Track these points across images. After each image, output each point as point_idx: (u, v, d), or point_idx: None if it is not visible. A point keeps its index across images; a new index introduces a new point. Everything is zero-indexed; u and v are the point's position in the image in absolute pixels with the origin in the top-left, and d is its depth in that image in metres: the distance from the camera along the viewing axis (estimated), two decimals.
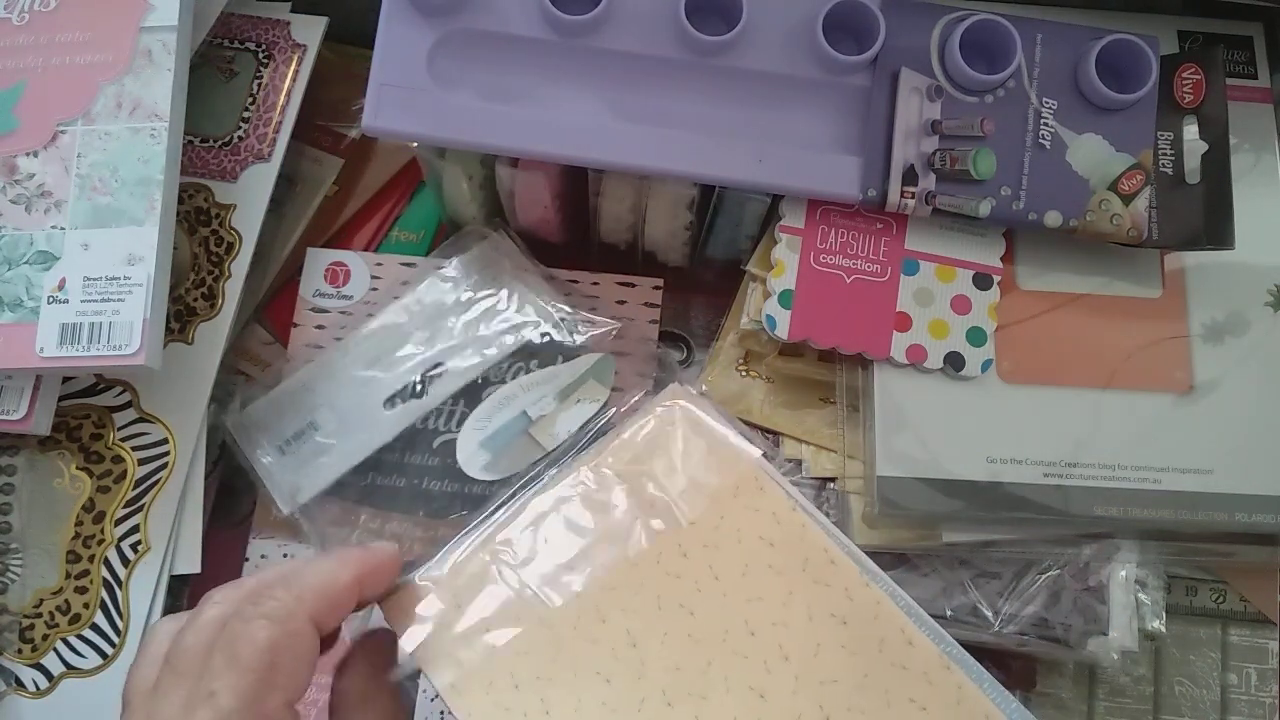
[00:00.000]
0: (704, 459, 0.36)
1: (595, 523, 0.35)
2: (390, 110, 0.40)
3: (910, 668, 0.32)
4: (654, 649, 0.33)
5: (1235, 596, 0.48)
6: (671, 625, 0.33)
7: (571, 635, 0.33)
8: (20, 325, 0.41)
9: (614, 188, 0.44)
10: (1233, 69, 0.46)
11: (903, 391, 0.42)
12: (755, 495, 0.35)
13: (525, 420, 0.45)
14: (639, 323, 0.49)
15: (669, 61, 0.41)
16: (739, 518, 0.35)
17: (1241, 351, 0.43)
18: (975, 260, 0.43)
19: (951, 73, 0.41)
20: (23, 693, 0.43)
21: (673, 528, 0.35)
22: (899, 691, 0.31)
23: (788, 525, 0.34)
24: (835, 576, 0.33)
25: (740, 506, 0.35)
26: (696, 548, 0.34)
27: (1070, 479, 0.41)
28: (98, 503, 0.44)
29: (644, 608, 0.33)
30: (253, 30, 0.51)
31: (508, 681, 0.33)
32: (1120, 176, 0.41)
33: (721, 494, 0.35)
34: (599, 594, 0.34)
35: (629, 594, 0.34)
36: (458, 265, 0.49)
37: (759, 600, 0.33)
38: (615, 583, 0.34)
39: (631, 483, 0.36)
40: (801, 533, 0.34)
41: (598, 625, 0.33)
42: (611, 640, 0.33)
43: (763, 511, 0.34)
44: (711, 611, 0.33)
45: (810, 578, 0.33)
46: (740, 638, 0.33)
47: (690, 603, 0.33)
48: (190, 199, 0.48)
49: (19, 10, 0.45)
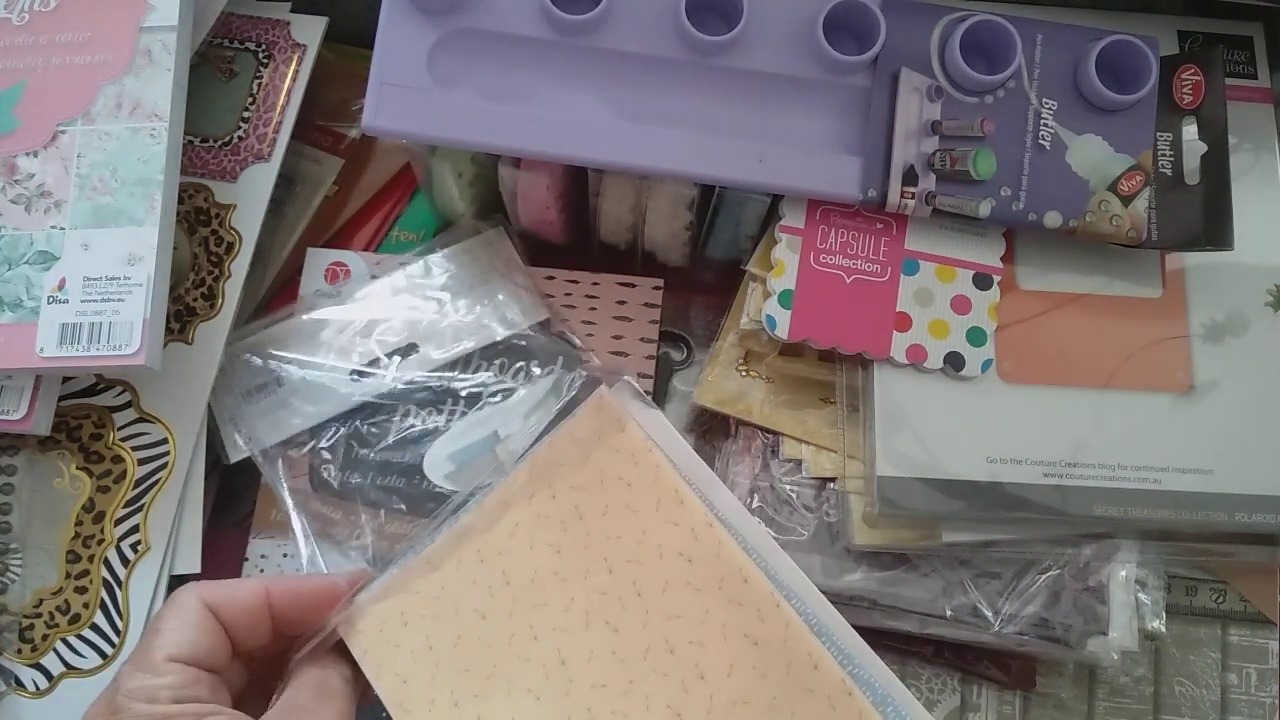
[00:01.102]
0: (625, 469, 0.36)
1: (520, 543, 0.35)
2: (390, 110, 0.40)
3: (815, 691, 0.32)
4: (580, 667, 0.33)
5: (1235, 596, 0.48)
6: (597, 643, 0.34)
7: (506, 653, 0.34)
8: (20, 325, 0.41)
9: (614, 188, 0.44)
10: (1233, 69, 0.46)
11: (903, 391, 0.42)
12: (675, 509, 0.35)
13: (494, 439, 0.46)
14: (639, 323, 0.49)
15: (669, 61, 0.41)
16: (660, 534, 0.35)
17: (1241, 351, 0.43)
18: (975, 260, 0.43)
19: (951, 73, 0.41)
20: (22, 693, 0.43)
21: (599, 543, 0.35)
22: (804, 715, 0.32)
23: (705, 542, 0.34)
24: (748, 596, 0.33)
25: (661, 521, 0.35)
26: (621, 563, 0.35)
27: (1070, 479, 0.41)
28: (98, 503, 0.44)
29: (573, 626, 0.34)
30: (253, 30, 0.51)
31: (448, 699, 0.34)
32: (1120, 177, 0.41)
33: (643, 508, 0.35)
34: (530, 612, 0.35)
35: (559, 611, 0.34)
36: (447, 256, 0.49)
37: (678, 618, 0.34)
38: (546, 599, 0.35)
39: (554, 497, 0.36)
40: (718, 549, 0.34)
41: (530, 644, 0.34)
42: (543, 658, 0.34)
43: (682, 526, 0.34)
44: (634, 629, 0.34)
45: (725, 596, 0.33)
46: (661, 656, 0.33)
47: (615, 620, 0.34)
48: (190, 199, 0.48)
49: (19, 10, 0.45)
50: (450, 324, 0.48)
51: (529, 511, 0.36)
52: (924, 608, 0.43)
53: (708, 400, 0.46)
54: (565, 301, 0.49)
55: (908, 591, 0.43)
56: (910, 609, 0.44)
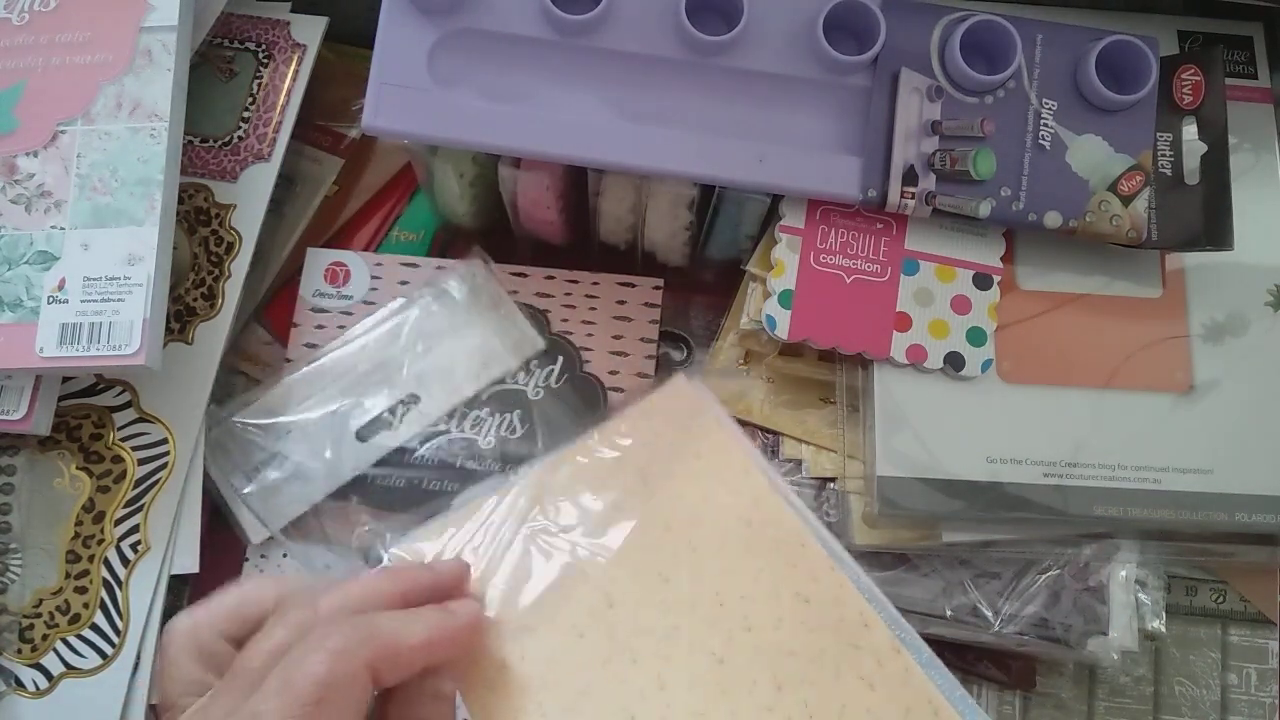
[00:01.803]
0: (697, 443, 0.38)
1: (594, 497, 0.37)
2: (390, 110, 0.40)
3: (863, 648, 0.34)
4: (627, 612, 0.35)
5: (1235, 596, 0.48)
6: (645, 593, 0.35)
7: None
8: (20, 325, 0.41)
9: (614, 188, 0.44)
10: (1233, 69, 0.46)
11: (903, 391, 0.42)
12: (741, 479, 0.37)
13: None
14: (639, 323, 0.49)
15: (669, 61, 0.41)
16: (723, 498, 0.37)
17: (1241, 351, 0.43)
18: (975, 260, 0.43)
19: (951, 73, 0.41)
20: (22, 693, 0.43)
21: (660, 501, 0.37)
22: (850, 669, 0.34)
23: (766, 509, 0.37)
24: (804, 560, 0.36)
25: (724, 489, 0.37)
26: (679, 522, 0.36)
27: (1070, 479, 0.41)
28: (97, 503, 0.44)
29: (622, 576, 0.36)
30: (253, 30, 0.51)
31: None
32: (1120, 177, 0.41)
33: (707, 475, 0.37)
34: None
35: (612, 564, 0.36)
36: (430, 297, 0.49)
37: (731, 574, 0.35)
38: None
39: (625, 456, 0.38)
40: (779, 517, 0.36)
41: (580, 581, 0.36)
42: (590, 600, 0.35)
43: (744, 494, 0.37)
44: (684, 581, 0.35)
45: (782, 559, 0.36)
46: (710, 607, 0.35)
47: (666, 571, 0.36)
48: (190, 199, 0.48)
49: (19, 10, 0.45)
50: (447, 368, 0.47)
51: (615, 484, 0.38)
52: (924, 608, 0.43)
53: None
54: (565, 301, 0.49)
55: (908, 591, 0.43)
56: (910, 609, 0.43)
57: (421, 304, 0.48)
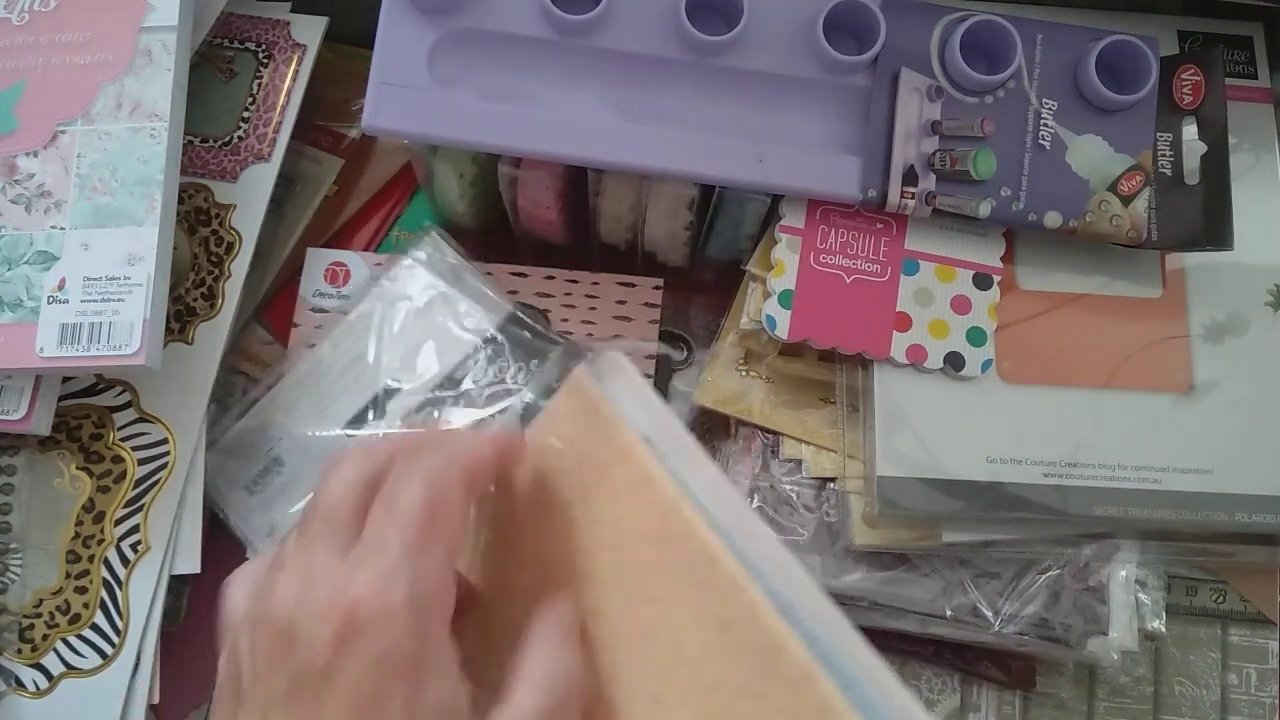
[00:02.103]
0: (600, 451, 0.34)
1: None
2: (390, 110, 0.40)
3: (783, 675, 0.31)
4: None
5: (1235, 596, 0.48)
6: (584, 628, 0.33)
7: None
8: (20, 325, 0.41)
9: (614, 188, 0.44)
10: (1233, 69, 0.46)
11: (903, 391, 0.42)
12: (647, 491, 0.33)
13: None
14: (639, 323, 0.49)
15: (669, 61, 0.41)
16: (635, 517, 0.33)
17: (1241, 351, 0.43)
18: (975, 260, 0.43)
19: (951, 73, 0.41)
20: (23, 693, 0.43)
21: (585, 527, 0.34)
22: (775, 699, 0.31)
23: (674, 522, 0.33)
24: (716, 578, 0.32)
25: (635, 504, 0.33)
26: (600, 550, 0.34)
27: (1070, 479, 0.41)
28: (98, 503, 0.44)
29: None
30: (253, 30, 0.51)
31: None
32: (1120, 177, 0.41)
33: (617, 489, 0.34)
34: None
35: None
36: (398, 275, 0.48)
37: (655, 602, 0.33)
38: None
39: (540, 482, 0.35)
40: (687, 530, 0.32)
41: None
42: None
43: (653, 510, 0.33)
44: (616, 614, 0.33)
45: (695, 579, 0.32)
46: (640, 642, 0.33)
47: (599, 605, 0.33)
48: (190, 199, 0.48)
49: (19, 10, 0.45)
50: (420, 350, 0.47)
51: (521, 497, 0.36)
52: (924, 608, 0.43)
53: (708, 400, 0.46)
54: (565, 301, 0.49)
55: (908, 591, 0.43)
56: (910, 609, 0.44)
57: (376, 292, 0.48)
